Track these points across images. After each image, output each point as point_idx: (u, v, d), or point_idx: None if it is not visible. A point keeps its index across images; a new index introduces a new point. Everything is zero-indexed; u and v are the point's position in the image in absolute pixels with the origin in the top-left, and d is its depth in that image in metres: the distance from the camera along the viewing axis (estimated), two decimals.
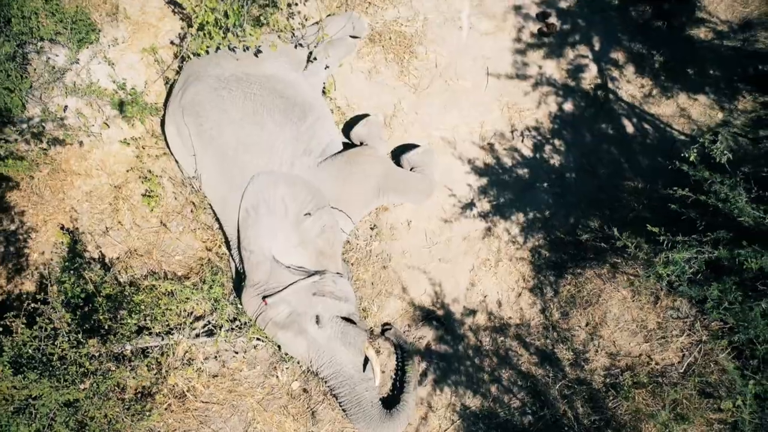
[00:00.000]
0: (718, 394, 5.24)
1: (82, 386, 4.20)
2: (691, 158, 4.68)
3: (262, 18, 6.40)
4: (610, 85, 7.06)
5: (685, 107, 6.99)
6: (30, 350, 4.19)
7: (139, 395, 5.06)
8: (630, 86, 7.08)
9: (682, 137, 6.79)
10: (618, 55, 7.22)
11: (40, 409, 4.02)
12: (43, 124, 6.24)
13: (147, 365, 5.10)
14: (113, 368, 4.52)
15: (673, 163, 4.89)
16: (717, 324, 5.49)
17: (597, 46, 7.25)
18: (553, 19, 7.32)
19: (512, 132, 6.78)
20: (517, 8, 7.39)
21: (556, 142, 6.76)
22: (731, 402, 4.34)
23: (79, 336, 4.44)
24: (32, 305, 4.44)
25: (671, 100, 7.03)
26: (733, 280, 4.02)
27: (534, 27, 7.28)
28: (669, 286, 4.41)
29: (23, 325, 4.24)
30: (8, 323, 4.30)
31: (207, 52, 5.62)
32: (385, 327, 5.77)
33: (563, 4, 7.39)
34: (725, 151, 4.34)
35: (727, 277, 4.04)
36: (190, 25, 6.77)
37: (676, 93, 7.05)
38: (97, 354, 4.46)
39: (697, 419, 4.97)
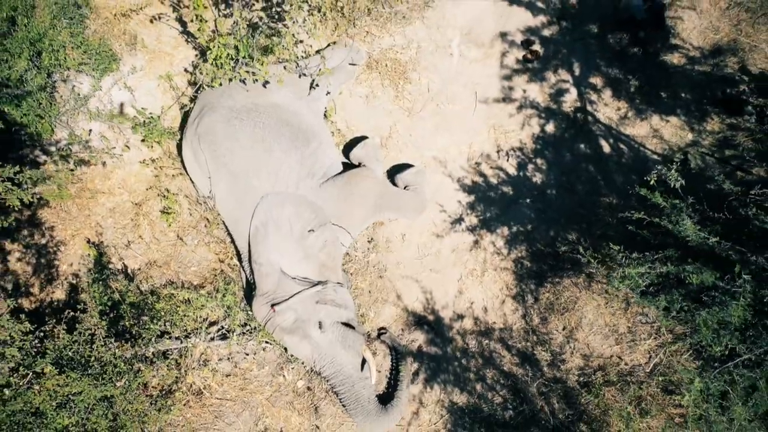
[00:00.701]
0: (680, 391, 5.87)
1: (117, 384, 4.85)
2: (651, 182, 5.33)
3: (269, 47, 7.07)
4: (588, 107, 7.71)
5: (658, 128, 7.65)
6: (70, 353, 4.85)
7: (161, 392, 5.71)
8: (607, 109, 7.73)
9: (655, 156, 7.46)
10: (596, 80, 7.87)
11: (79, 404, 4.68)
12: (70, 146, 6.90)
13: (168, 366, 5.75)
14: (143, 368, 5.18)
15: (633, 187, 5.53)
16: (681, 328, 6.13)
17: (577, 72, 7.90)
18: (536, 47, 7.97)
19: (498, 152, 7.44)
20: (504, 36, 8.04)
21: (539, 161, 7.41)
22: (689, 397, 4.98)
23: (112, 340, 5.10)
24: (71, 313, 5.10)
25: (645, 121, 7.69)
26: (680, 292, 4.67)
27: (519, 54, 7.92)
28: (636, 294, 5.03)
29: (64, 331, 4.90)
30: (50, 329, 4.95)
31: (220, 84, 6.27)
32: (381, 331, 6.44)
33: (546, 33, 8.04)
34: (678, 178, 4.99)
35: (676, 290, 4.69)
36: (203, 54, 7.44)
37: (649, 115, 7.71)
38: (129, 356, 5.12)
39: (659, 414, 5.60)
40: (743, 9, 7.97)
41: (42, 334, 4.95)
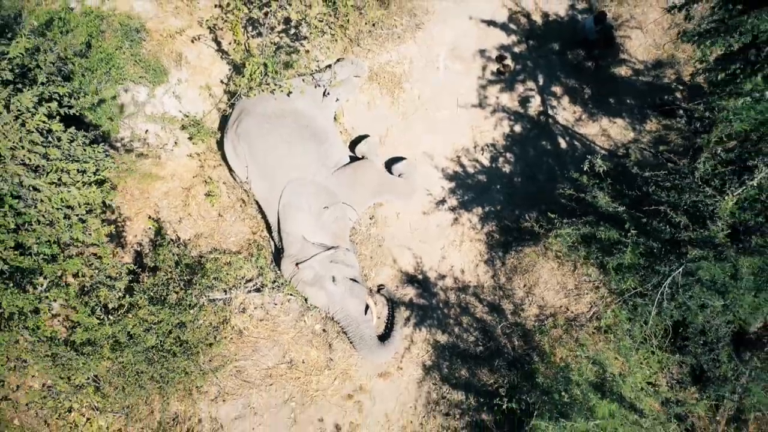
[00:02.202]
0: (611, 330, 7.72)
1: (190, 312, 6.74)
2: (585, 168, 7.19)
3: (289, 62, 8.96)
4: (550, 111, 9.61)
5: (606, 128, 9.54)
6: (151, 293, 6.73)
7: (211, 330, 7.58)
8: (565, 112, 9.63)
9: (603, 151, 9.35)
10: (557, 89, 9.77)
11: (162, 328, 6.56)
12: (132, 143, 8.79)
13: (215, 311, 7.64)
14: (205, 303, 7.07)
15: (568, 171, 7.40)
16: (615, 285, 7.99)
17: (541, 82, 9.79)
18: (508, 61, 9.87)
19: (475, 147, 9.33)
20: (482, 52, 9.93)
21: (508, 155, 9.31)
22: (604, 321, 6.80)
23: (182, 283, 6.99)
24: (152, 264, 7.00)
25: (596, 122, 9.58)
26: (596, 246, 6.54)
27: (494, 67, 9.81)
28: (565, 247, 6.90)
29: (149, 278, 6.79)
30: (139, 273, 6.84)
31: (255, 94, 8.16)
32: (380, 287, 8.34)
33: (516, 50, 9.94)
34: (602, 165, 6.86)
35: (593, 245, 6.56)
36: (236, 68, 9.34)
37: (600, 117, 9.60)
38: (194, 296, 7.01)
39: (592, 346, 7.45)
40: (681, 29, 9.76)
41: (135, 275, 6.83)
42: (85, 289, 6.09)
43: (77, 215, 5.44)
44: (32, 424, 7.46)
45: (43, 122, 4.91)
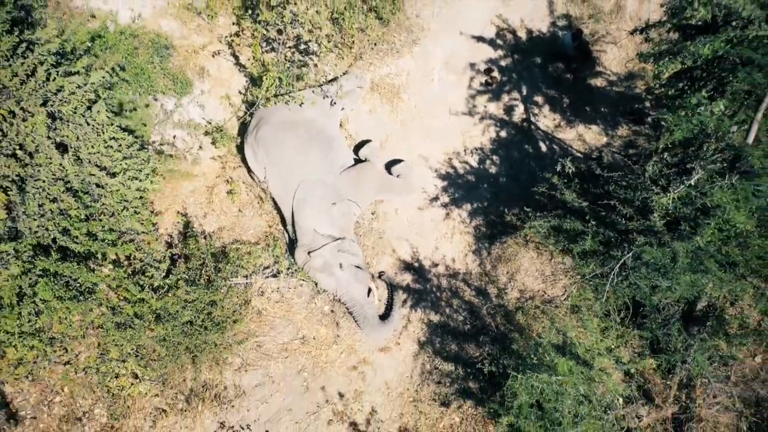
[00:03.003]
0: (580, 311, 8.94)
1: (220, 292, 7.96)
2: (560, 169, 8.40)
3: (300, 75, 10.18)
4: (532, 118, 10.84)
5: (582, 134, 10.77)
6: (186, 276, 7.96)
7: (234, 311, 8.80)
8: (546, 119, 10.86)
9: (579, 154, 10.57)
10: (538, 98, 11.00)
11: (196, 305, 7.78)
12: (162, 147, 10.01)
13: (237, 294, 8.86)
14: (233, 285, 8.30)
15: (547, 171, 8.61)
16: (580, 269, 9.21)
17: (524, 92, 11.02)
18: (495, 74, 11.10)
19: (465, 151, 10.56)
20: (472, 65, 11.15)
21: (494, 157, 10.54)
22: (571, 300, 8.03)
23: (213, 267, 8.22)
24: (185, 252, 8.23)
25: (573, 128, 10.81)
26: (564, 235, 7.77)
27: (482, 79, 11.04)
28: (539, 236, 8.15)
29: (183, 263, 8.02)
30: (175, 262, 8.06)
31: (272, 105, 9.37)
32: (381, 273, 9.57)
33: (503, 63, 11.17)
34: (570, 166, 8.09)
35: (561, 234, 7.79)
36: (252, 80, 10.56)
37: (576, 124, 10.83)
38: (222, 280, 8.24)
39: (560, 321, 8.65)
40: (652, 44, 10.95)
41: (172, 261, 8.06)
42: (135, 270, 7.30)
43: (133, 208, 6.67)
44: (80, 392, 8.71)
45: (114, 132, 6.14)
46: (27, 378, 7.84)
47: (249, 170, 9.80)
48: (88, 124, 5.89)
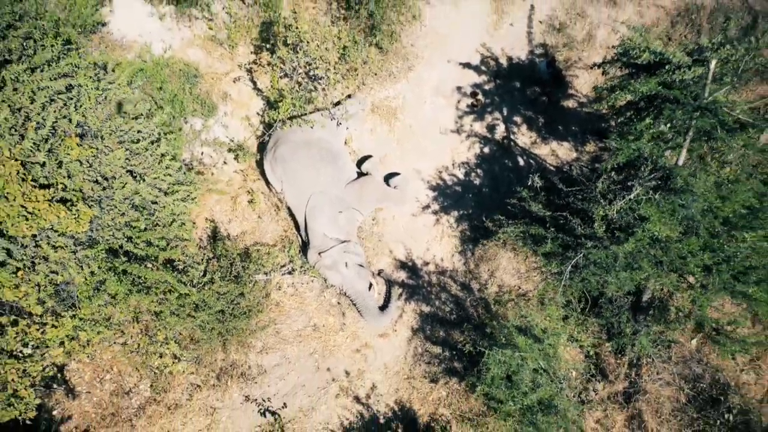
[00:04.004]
0: (547, 302, 10.59)
1: (248, 286, 9.64)
2: (530, 183, 10.06)
3: (310, 98, 11.83)
4: (511, 136, 12.50)
5: (555, 150, 12.43)
6: (219, 272, 9.64)
7: (257, 302, 10.47)
8: (523, 137, 12.53)
9: (552, 168, 12.24)
10: (517, 118, 12.66)
11: (227, 297, 9.46)
12: (192, 163, 11.68)
13: (260, 289, 10.55)
14: (257, 279, 9.99)
15: (523, 183, 10.27)
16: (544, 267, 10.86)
17: (505, 113, 12.69)
18: (479, 97, 12.76)
19: (453, 165, 12.24)
20: (459, 89, 12.81)
21: (478, 170, 12.21)
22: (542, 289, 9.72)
23: (241, 264, 9.92)
24: (215, 253, 9.91)
25: (547, 145, 12.48)
26: (530, 239, 9.45)
27: (468, 101, 12.70)
28: (513, 239, 9.85)
29: (216, 262, 9.70)
30: (209, 262, 9.74)
31: (289, 126, 11.03)
32: (380, 270, 11.28)
33: (486, 87, 12.83)
34: (538, 181, 9.75)
35: (529, 238, 9.47)
36: (269, 104, 12.21)
37: (550, 141, 12.50)
38: (248, 276, 9.93)
39: (528, 312, 10.32)
40: (606, 78, 12.57)
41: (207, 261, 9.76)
42: (179, 269, 8.98)
43: (180, 220, 8.35)
44: (127, 371, 10.40)
45: (169, 161, 7.82)
46: (88, 357, 9.51)
47: (267, 183, 11.48)
48: (152, 155, 7.56)
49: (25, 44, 7.21)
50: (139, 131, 7.52)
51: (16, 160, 6.15)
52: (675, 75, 8.43)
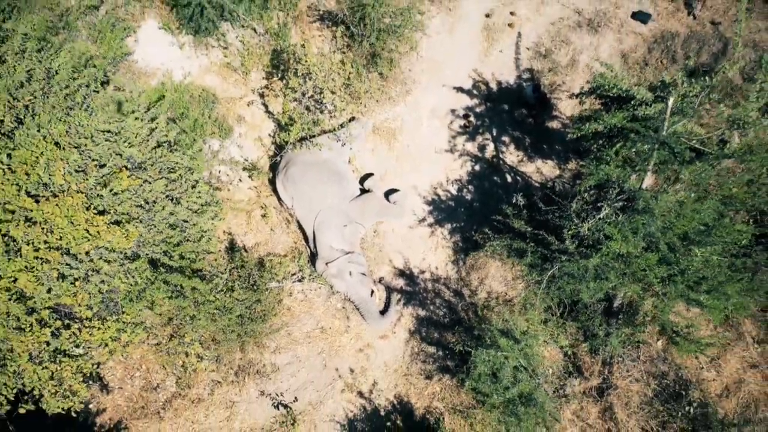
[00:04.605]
0: (529, 307, 11.91)
1: (265, 293, 10.96)
2: (514, 202, 11.38)
3: (317, 121, 13.13)
4: (500, 155, 13.82)
5: (540, 167, 13.75)
6: (239, 281, 10.94)
7: (270, 307, 11.79)
8: (511, 156, 13.85)
9: (536, 184, 13.56)
10: (506, 138, 13.98)
11: (246, 303, 10.77)
12: (212, 180, 12.99)
13: (273, 295, 11.87)
14: (272, 287, 11.31)
15: (511, 199, 11.59)
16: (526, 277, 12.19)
17: (495, 133, 14.01)
18: (471, 118, 14.07)
19: (447, 182, 13.56)
20: (453, 111, 14.13)
21: (470, 186, 13.54)
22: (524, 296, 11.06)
23: (259, 273, 11.24)
24: (237, 263, 11.24)
25: (533, 163, 13.79)
26: (514, 252, 10.77)
27: (461, 123, 14.01)
28: (498, 251, 11.18)
29: (236, 271, 11.02)
30: (231, 271, 11.06)
31: (300, 149, 12.34)
32: (381, 278, 12.60)
33: (478, 110, 14.15)
34: (521, 200, 11.07)
35: (512, 251, 10.79)
36: (279, 126, 13.52)
37: (536, 159, 13.81)
38: (263, 283, 11.25)
39: (511, 316, 11.64)
40: (581, 108, 13.87)
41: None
42: (205, 277, 10.29)
43: (207, 236, 9.67)
44: (154, 368, 11.72)
45: (201, 187, 9.15)
46: (123, 357, 10.83)
47: (279, 199, 12.80)
48: (186, 181, 8.88)
49: (86, 95, 8.53)
50: (176, 162, 8.85)
51: (81, 192, 7.45)
52: (639, 110, 9.75)
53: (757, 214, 10.97)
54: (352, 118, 13.78)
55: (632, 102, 10.04)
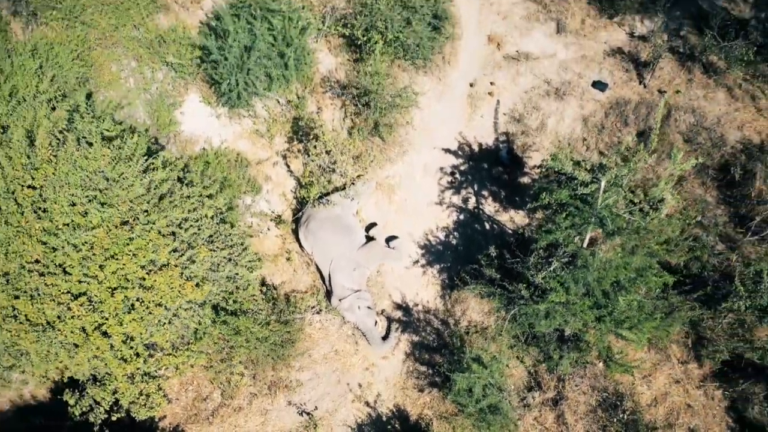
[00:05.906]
0: (497, 336, 15.23)
1: (294, 325, 14.28)
2: (487, 252, 14.72)
3: (329, 179, 16.43)
4: (480, 206, 17.15)
5: (513, 217, 17.10)
6: (273, 315, 14.25)
7: (295, 334, 15.10)
8: (489, 207, 17.19)
9: (510, 231, 16.91)
10: (485, 192, 17.31)
11: (279, 333, 14.08)
12: (245, 229, 16.28)
13: (296, 324, 15.23)
14: (297, 318, 14.66)
15: (489, 244, 14.91)
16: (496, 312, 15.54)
17: (476, 188, 17.33)
18: (457, 175, 17.38)
19: (436, 229, 16.90)
20: (441, 169, 17.46)
21: (454, 233, 16.88)
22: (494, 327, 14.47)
23: (287, 307, 14.59)
24: (269, 298, 14.58)
25: (507, 213, 17.13)
26: (485, 293, 14.10)
27: (448, 179, 17.32)
28: (480, 292, 14.54)
29: (270, 308, 14.35)
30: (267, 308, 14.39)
31: (317, 206, 15.66)
32: (383, 310, 15.95)
33: (462, 168, 17.47)
34: (494, 251, 14.40)
35: (493, 293, 14.13)
36: (299, 184, 16.82)
37: (509, 210, 17.15)
38: (291, 316, 14.58)
39: (483, 344, 14.97)
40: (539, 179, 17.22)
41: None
42: (248, 313, 13.60)
43: (252, 285, 12.98)
44: (203, 384, 15.06)
45: (254, 254, 12.50)
46: (180, 375, 14.17)
47: (300, 246, 16.13)
48: (243, 248, 12.22)
49: (172, 191, 11.94)
50: (236, 235, 12.21)
51: (177, 266, 10.77)
52: (579, 189, 13.08)
53: (673, 266, 14.37)
54: (359, 175, 17.09)
55: (575, 181, 13.38)
